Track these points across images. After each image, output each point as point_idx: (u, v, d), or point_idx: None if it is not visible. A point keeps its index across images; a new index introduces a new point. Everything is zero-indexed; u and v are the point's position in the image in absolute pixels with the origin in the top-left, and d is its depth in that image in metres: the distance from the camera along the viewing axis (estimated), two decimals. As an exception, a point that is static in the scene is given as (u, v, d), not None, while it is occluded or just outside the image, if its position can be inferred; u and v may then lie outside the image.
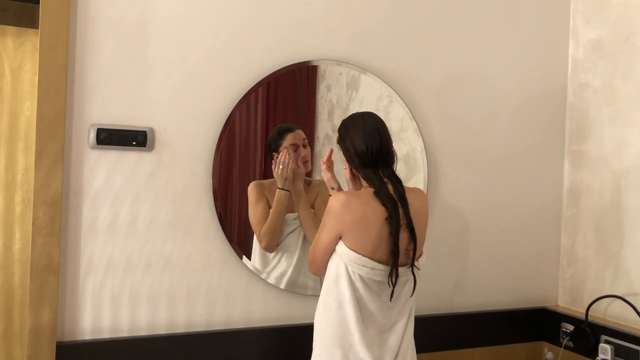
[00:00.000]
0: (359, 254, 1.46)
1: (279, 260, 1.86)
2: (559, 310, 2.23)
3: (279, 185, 1.83)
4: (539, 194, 2.29)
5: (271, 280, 1.86)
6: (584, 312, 2.05)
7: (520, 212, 2.25)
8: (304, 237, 1.87)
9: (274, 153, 1.85)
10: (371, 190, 1.50)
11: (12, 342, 2.46)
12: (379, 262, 1.47)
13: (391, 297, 1.49)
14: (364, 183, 1.54)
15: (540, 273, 2.29)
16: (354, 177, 1.59)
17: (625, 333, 1.93)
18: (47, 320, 1.60)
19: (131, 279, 1.71)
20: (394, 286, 1.47)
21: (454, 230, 2.14)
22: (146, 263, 1.72)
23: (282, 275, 1.87)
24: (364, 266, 1.46)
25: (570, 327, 2.11)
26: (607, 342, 1.96)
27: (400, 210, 1.48)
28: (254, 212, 1.82)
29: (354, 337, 1.46)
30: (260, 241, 1.83)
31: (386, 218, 1.46)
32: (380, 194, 1.48)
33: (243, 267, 1.84)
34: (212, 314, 1.80)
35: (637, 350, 1.87)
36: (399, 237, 1.46)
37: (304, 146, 1.87)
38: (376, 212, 1.47)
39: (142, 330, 1.72)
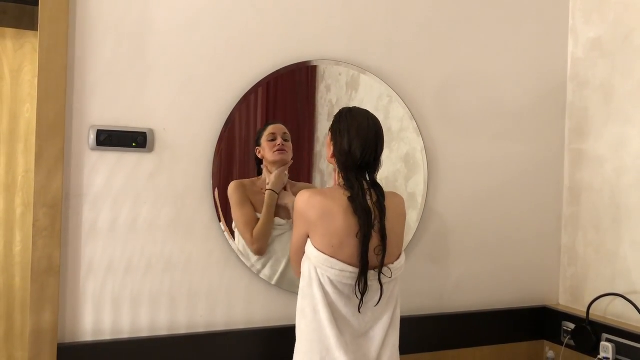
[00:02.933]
0: (326, 254, 1.44)
1: (264, 266, 1.85)
2: (560, 309, 2.23)
3: (269, 186, 1.83)
4: (540, 193, 2.29)
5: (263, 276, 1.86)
6: (585, 310, 2.04)
7: (521, 211, 2.25)
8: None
9: (257, 147, 1.86)
10: (342, 191, 1.48)
11: (14, 344, 2.46)
12: (348, 263, 1.45)
13: (359, 308, 1.45)
14: (340, 182, 1.51)
15: (541, 272, 2.29)
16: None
17: (626, 331, 1.92)
18: (48, 322, 1.60)
19: (132, 280, 1.71)
20: (362, 295, 1.44)
21: (454, 229, 2.14)
22: (147, 264, 1.72)
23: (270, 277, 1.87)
24: (332, 268, 1.44)
25: (572, 326, 2.11)
26: (608, 340, 1.96)
27: (376, 220, 1.45)
28: (240, 215, 1.81)
29: (330, 342, 1.43)
30: (251, 245, 1.81)
31: (359, 225, 1.43)
32: (355, 202, 1.45)
33: (244, 267, 1.84)
34: (213, 314, 1.80)
35: (639, 348, 1.87)
36: (368, 246, 1.44)
37: (285, 139, 1.86)
38: (339, 205, 1.45)
39: (144, 332, 1.72)
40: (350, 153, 1.48)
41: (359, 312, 1.46)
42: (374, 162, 1.51)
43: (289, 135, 1.88)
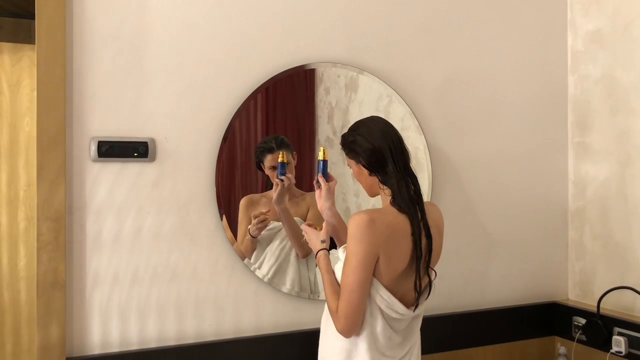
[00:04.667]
0: (390, 291, 1.42)
1: (263, 262, 1.86)
2: (570, 304, 2.21)
3: (250, 232, 1.81)
4: (545, 188, 2.27)
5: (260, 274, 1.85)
6: (596, 304, 2.03)
7: (527, 207, 2.24)
8: (286, 244, 1.87)
9: (261, 164, 1.85)
10: (389, 202, 1.47)
11: (22, 359, 2.45)
12: (406, 305, 1.45)
13: (414, 309, 1.45)
14: (382, 188, 1.49)
15: (550, 267, 2.28)
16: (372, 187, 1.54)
17: (638, 324, 1.91)
18: (56, 336, 1.59)
19: (138, 291, 1.69)
20: (419, 295, 1.43)
21: (461, 228, 2.13)
22: (153, 274, 1.71)
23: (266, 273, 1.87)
24: (393, 309, 1.43)
25: (582, 321, 2.09)
26: (620, 334, 1.94)
27: (418, 212, 1.45)
28: (239, 230, 1.82)
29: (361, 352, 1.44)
30: (240, 254, 1.83)
31: (412, 233, 1.42)
32: (398, 198, 1.44)
33: (250, 274, 1.83)
34: (221, 323, 1.79)
35: (652, 341, 1.85)
36: (421, 241, 1.44)
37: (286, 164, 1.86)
38: (404, 229, 1.43)
39: (152, 342, 1.71)
40: (376, 148, 1.47)
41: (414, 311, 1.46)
42: (402, 149, 1.50)
43: (289, 156, 1.87)
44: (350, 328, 1.39)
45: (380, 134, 1.48)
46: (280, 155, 1.82)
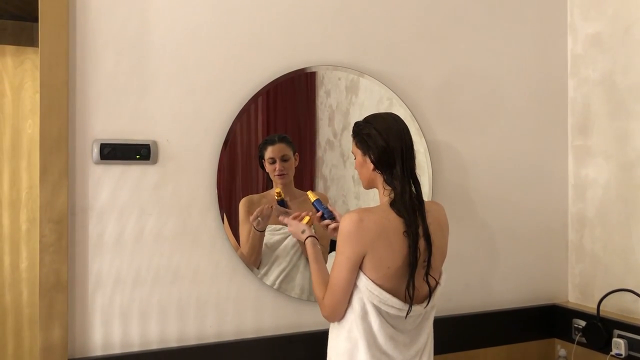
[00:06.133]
0: (383, 288, 1.42)
1: (272, 266, 1.86)
2: (570, 306, 2.22)
3: (255, 227, 1.81)
4: (545, 191, 2.28)
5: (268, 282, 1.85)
6: (596, 307, 2.03)
7: (527, 209, 2.25)
8: (297, 250, 1.87)
9: (262, 160, 1.86)
10: (386, 201, 1.47)
11: (23, 361, 2.46)
12: (401, 299, 1.43)
13: (406, 315, 1.44)
14: (383, 187, 1.49)
15: (549, 270, 2.29)
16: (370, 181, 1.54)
17: (638, 327, 1.91)
18: (58, 337, 1.59)
19: (140, 293, 1.70)
20: (411, 299, 1.42)
21: (461, 231, 2.13)
22: (154, 276, 1.72)
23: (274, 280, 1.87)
24: (386, 304, 1.42)
25: (582, 323, 2.10)
26: (620, 336, 1.95)
27: (418, 217, 1.44)
28: (241, 231, 1.82)
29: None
30: (244, 257, 1.82)
31: (404, 232, 1.42)
32: (399, 202, 1.43)
33: (252, 276, 1.83)
34: (223, 324, 1.79)
35: (651, 344, 1.86)
36: (417, 245, 1.43)
37: (284, 160, 1.86)
38: (395, 227, 1.43)
39: (153, 344, 1.72)
40: (389, 147, 1.46)
41: (405, 318, 1.45)
42: (412, 150, 1.50)
43: (290, 153, 1.88)
44: (334, 315, 1.48)
45: (396, 134, 1.48)
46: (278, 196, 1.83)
